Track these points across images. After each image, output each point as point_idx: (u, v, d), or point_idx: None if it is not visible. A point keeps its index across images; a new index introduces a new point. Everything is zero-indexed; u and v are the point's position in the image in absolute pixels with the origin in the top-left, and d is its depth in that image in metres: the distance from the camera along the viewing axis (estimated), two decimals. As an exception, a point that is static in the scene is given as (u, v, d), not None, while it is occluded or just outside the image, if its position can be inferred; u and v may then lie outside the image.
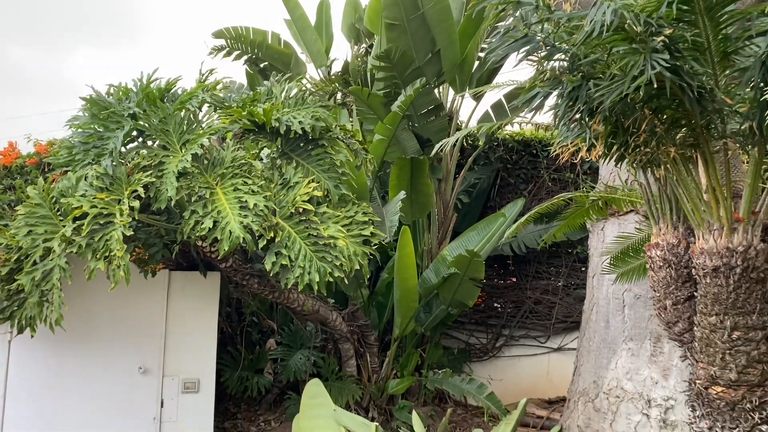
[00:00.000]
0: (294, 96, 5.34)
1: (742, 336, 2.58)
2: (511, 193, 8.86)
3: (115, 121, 4.79)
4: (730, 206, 2.57)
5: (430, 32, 7.45)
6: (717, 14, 2.24)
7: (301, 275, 4.56)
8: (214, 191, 4.58)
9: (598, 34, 2.15)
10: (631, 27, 2.10)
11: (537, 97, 2.60)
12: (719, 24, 2.28)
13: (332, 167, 5.15)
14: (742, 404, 2.58)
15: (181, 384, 5.69)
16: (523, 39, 2.61)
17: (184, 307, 5.78)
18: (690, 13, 2.25)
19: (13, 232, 4.68)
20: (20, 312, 4.80)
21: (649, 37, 2.12)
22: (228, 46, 9.04)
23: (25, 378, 5.32)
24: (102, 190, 4.46)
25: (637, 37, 2.13)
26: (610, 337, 5.75)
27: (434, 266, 7.07)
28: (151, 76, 5.00)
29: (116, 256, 4.10)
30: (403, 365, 7.26)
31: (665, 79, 2.12)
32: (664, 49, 2.10)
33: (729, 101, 2.32)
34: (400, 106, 6.66)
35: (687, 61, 2.21)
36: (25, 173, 5.47)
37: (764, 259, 2.62)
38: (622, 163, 2.76)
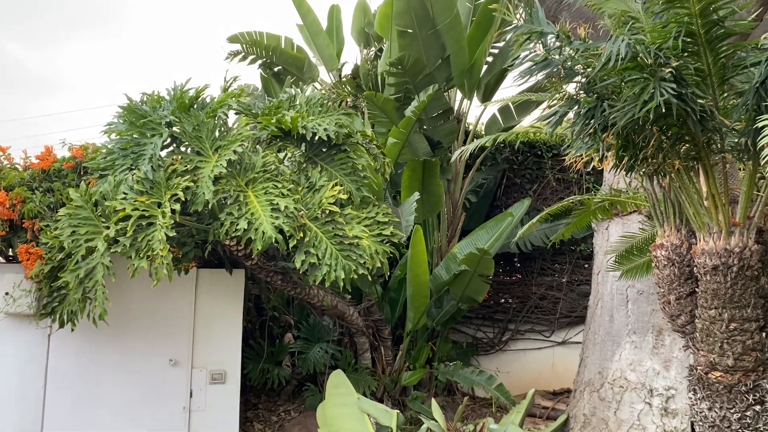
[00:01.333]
0: (317, 103, 5.65)
1: (738, 327, 2.91)
2: (517, 193, 9.19)
3: (151, 128, 5.10)
4: (728, 212, 2.89)
5: (441, 39, 7.76)
6: (717, 46, 2.57)
7: (328, 272, 4.89)
8: (246, 194, 4.90)
9: (613, 63, 2.47)
10: (643, 59, 2.42)
11: (556, 115, 2.93)
12: (719, 54, 2.60)
13: (354, 171, 5.47)
14: (738, 387, 2.91)
15: (209, 375, 6.01)
16: (543, 62, 2.93)
17: (211, 302, 6.10)
18: (693, 45, 2.57)
19: (57, 232, 4.99)
20: (61, 307, 5.13)
21: (658, 68, 2.44)
22: (243, 50, 9.34)
23: (64, 369, 5.64)
24: (142, 193, 4.77)
25: (647, 68, 2.46)
26: (614, 330, 6.09)
27: (445, 263, 7.40)
28: (184, 86, 5.30)
29: (159, 255, 4.42)
30: (415, 358, 7.59)
31: (672, 104, 2.44)
32: (671, 78, 2.43)
33: (727, 122, 2.65)
34: (414, 111, 6.98)
35: (690, 88, 2.53)
36: (62, 176, 5.76)
37: (758, 259, 2.95)
38: (632, 173, 3.08)
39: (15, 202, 5.40)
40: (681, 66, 2.49)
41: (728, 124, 2.65)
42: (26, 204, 5.41)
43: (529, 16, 2.88)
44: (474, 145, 4.10)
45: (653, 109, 2.44)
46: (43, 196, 5.52)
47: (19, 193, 5.43)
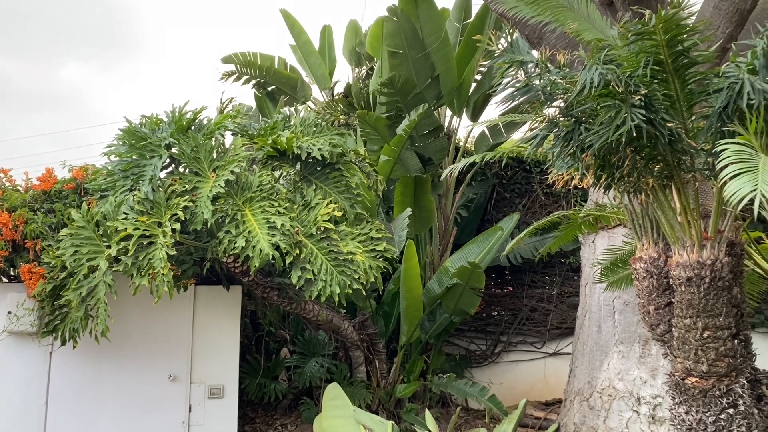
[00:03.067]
0: (311, 123, 5.84)
1: (712, 335, 3.09)
2: (507, 207, 9.39)
3: (150, 150, 5.26)
4: (700, 227, 3.08)
5: (430, 59, 8.00)
6: (683, 74, 2.77)
7: (324, 288, 5.05)
8: (243, 213, 5.07)
9: (588, 91, 2.66)
10: (614, 87, 2.62)
11: (537, 137, 3.12)
12: (685, 81, 2.80)
13: (347, 189, 5.66)
14: (712, 392, 3.08)
15: (207, 390, 6.14)
16: (524, 88, 3.13)
17: (209, 318, 6.24)
18: (662, 72, 2.77)
19: (59, 252, 5.13)
20: (63, 325, 5.26)
21: (629, 94, 2.64)
22: (237, 71, 9.55)
23: (66, 385, 5.75)
24: (143, 213, 4.93)
25: (619, 95, 2.65)
26: (602, 340, 6.26)
27: (437, 277, 7.57)
28: (182, 109, 5.48)
29: (160, 273, 4.57)
30: (410, 371, 7.74)
31: (642, 128, 2.63)
32: (641, 104, 2.62)
33: (694, 144, 2.85)
34: (405, 129, 7.19)
35: (660, 113, 2.73)
36: (63, 197, 5.91)
37: (729, 270, 3.13)
38: (610, 190, 3.28)
39: (17, 223, 5.54)
40: (650, 93, 2.69)
41: (696, 146, 2.85)
42: (28, 225, 5.55)
43: (509, 46, 3.08)
44: (462, 164, 4.30)
45: (625, 133, 2.64)
46: (44, 216, 5.66)
47: (21, 214, 5.57)
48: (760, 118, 2.47)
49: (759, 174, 2.09)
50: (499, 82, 3.17)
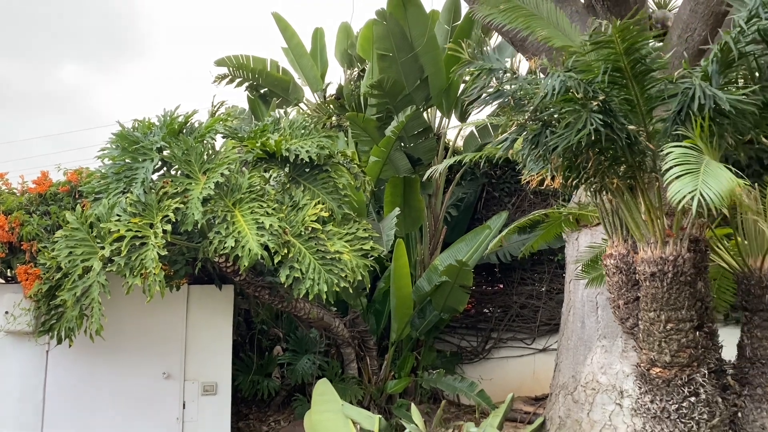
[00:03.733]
0: (300, 126, 5.99)
1: (674, 327, 3.24)
2: (496, 206, 9.54)
3: (142, 153, 5.42)
4: (663, 225, 3.23)
5: (419, 61, 8.15)
6: (642, 80, 2.92)
7: (311, 286, 5.20)
8: (233, 214, 5.22)
9: (550, 97, 2.81)
10: (573, 93, 2.77)
11: (508, 140, 3.27)
12: (644, 87, 2.95)
13: (335, 190, 5.81)
14: (674, 381, 3.23)
15: (201, 387, 6.29)
16: (496, 93, 3.28)
17: (202, 317, 6.39)
18: (622, 78, 2.92)
19: (55, 253, 5.28)
20: (59, 324, 5.41)
21: (588, 101, 2.79)
22: (230, 73, 9.69)
23: (62, 383, 5.90)
24: (135, 215, 5.08)
25: (579, 101, 2.80)
26: (585, 335, 6.41)
27: (427, 275, 7.72)
28: (173, 113, 5.63)
29: (152, 273, 4.72)
30: (400, 367, 7.89)
31: (600, 131, 2.78)
32: (599, 109, 2.77)
33: (652, 146, 3.00)
34: (393, 131, 7.34)
35: (618, 117, 2.88)
36: (58, 200, 6.05)
37: (691, 266, 3.28)
38: (578, 190, 3.43)
39: (14, 225, 5.69)
40: (608, 98, 2.84)
41: (653, 148, 3.01)
42: (24, 227, 5.69)
43: (480, 54, 3.24)
44: (443, 166, 4.45)
45: (585, 136, 2.79)
46: (40, 219, 5.80)
47: (17, 217, 5.71)
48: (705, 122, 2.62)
49: (700, 175, 2.24)
50: (473, 87, 3.32)
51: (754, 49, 2.90)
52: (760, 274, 3.57)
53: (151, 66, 44.47)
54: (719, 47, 2.78)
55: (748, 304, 3.64)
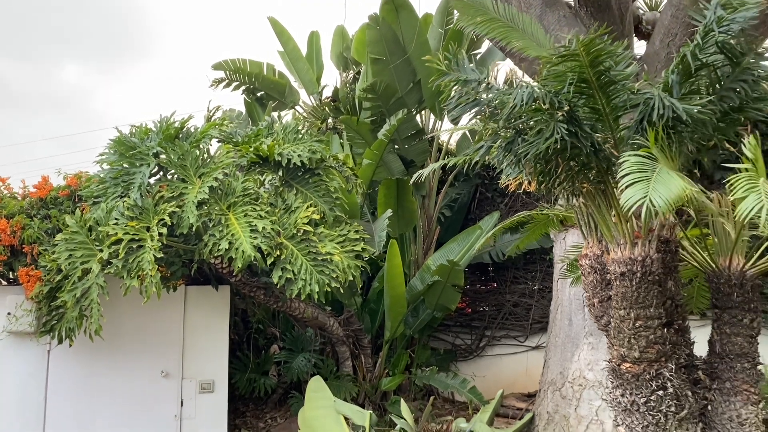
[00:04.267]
0: (293, 131, 6.15)
1: (643, 324, 3.40)
2: (489, 206, 9.69)
3: (139, 158, 5.58)
4: (631, 227, 3.39)
5: (411, 64, 8.30)
6: (606, 90, 3.07)
7: (303, 286, 5.37)
8: (227, 217, 5.39)
9: (519, 107, 2.97)
10: (540, 104, 2.93)
11: (483, 147, 3.44)
12: (609, 97, 3.11)
13: (327, 193, 5.97)
14: (643, 376, 3.39)
15: (198, 385, 6.46)
16: (473, 102, 3.44)
17: (199, 317, 6.56)
18: (588, 89, 3.08)
19: (55, 256, 5.46)
20: (60, 325, 5.58)
21: (555, 111, 2.95)
22: (227, 77, 9.86)
23: (63, 382, 6.08)
24: (132, 219, 5.25)
25: (546, 111, 2.96)
26: (573, 333, 6.58)
27: (420, 275, 7.89)
28: (169, 119, 5.80)
29: (149, 274, 4.89)
30: (395, 365, 8.06)
31: (566, 140, 2.94)
32: (565, 119, 2.93)
33: (616, 153, 3.16)
34: (385, 134, 7.50)
35: (583, 126, 3.04)
36: (58, 204, 6.23)
37: (660, 266, 3.44)
38: (550, 194, 3.59)
39: (15, 228, 5.86)
40: (575, 108, 3.00)
41: (617, 155, 3.17)
42: (26, 230, 5.87)
43: (456, 65, 3.40)
44: (429, 170, 4.63)
45: (553, 144, 2.95)
46: (41, 222, 5.98)
47: (19, 221, 5.89)
48: (663, 131, 2.77)
49: (651, 183, 2.40)
50: (451, 97, 3.49)
51: (715, 60, 3.05)
52: (729, 273, 3.72)
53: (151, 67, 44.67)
54: (679, 59, 2.94)
55: (718, 302, 3.80)
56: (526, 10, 6.54)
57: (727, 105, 3.03)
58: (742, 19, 2.82)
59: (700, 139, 3.14)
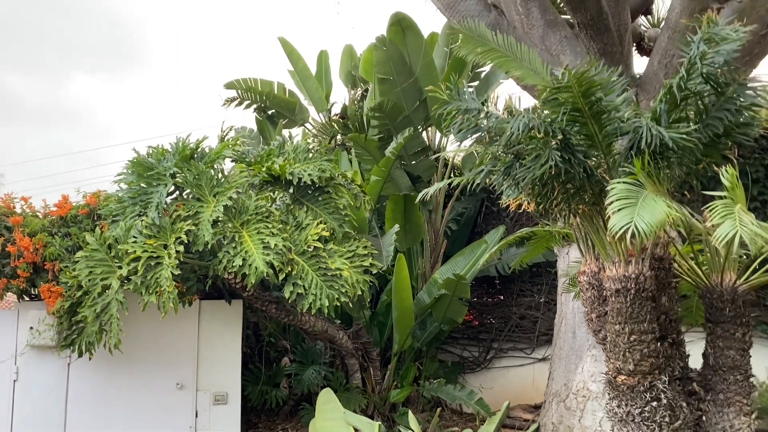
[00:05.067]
0: (303, 150, 6.39)
1: (637, 338, 3.58)
2: (495, 220, 9.87)
3: (157, 178, 5.82)
4: (625, 245, 3.57)
5: (418, 83, 8.53)
6: (599, 119, 3.27)
7: (314, 301, 5.58)
8: (241, 234, 5.61)
9: (516, 136, 3.18)
10: (535, 133, 3.13)
11: (483, 171, 3.64)
12: (602, 124, 3.31)
13: (336, 210, 6.19)
14: (638, 387, 3.56)
15: (212, 397, 6.66)
16: (474, 128, 3.65)
17: (213, 330, 6.77)
18: (582, 117, 3.28)
19: (76, 272, 5.69)
20: (80, 339, 5.81)
21: (550, 138, 3.15)
22: (239, 96, 10.13)
23: (82, 394, 6.30)
24: (150, 237, 5.48)
25: (541, 139, 3.16)
26: (577, 345, 6.73)
27: (427, 288, 8.08)
28: (185, 140, 6.04)
29: (166, 290, 5.12)
30: (403, 377, 8.23)
31: (560, 166, 3.14)
32: (558, 147, 3.13)
33: (608, 178, 3.35)
34: (392, 151, 7.72)
35: (575, 154, 3.24)
36: (78, 222, 6.47)
37: (653, 282, 3.62)
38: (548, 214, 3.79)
39: (38, 246, 6.11)
40: (568, 136, 3.20)
41: (609, 180, 3.36)
42: (47, 248, 6.11)
43: (457, 95, 3.61)
44: (433, 189, 4.82)
45: (548, 170, 3.15)
46: (61, 240, 6.22)
47: (41, 239, 6.13)
48: (652, 158, 2.97)
49: (636, 209, 2.58)
50: (453, 123, 3.71)
51: (701, 89, 3.25)
52: (721, 289, 3.89)
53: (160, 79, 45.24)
54: (666, 89, 3.13)
55: (711, 317, 3.97)
56: (529, 31, 6.77)
57: (712, 132, 3.22)
58: (725, 52, 3.02)
59: (689, 162, 3.32)
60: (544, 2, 6.74)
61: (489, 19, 6.63)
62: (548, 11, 6.71)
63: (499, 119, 3.44)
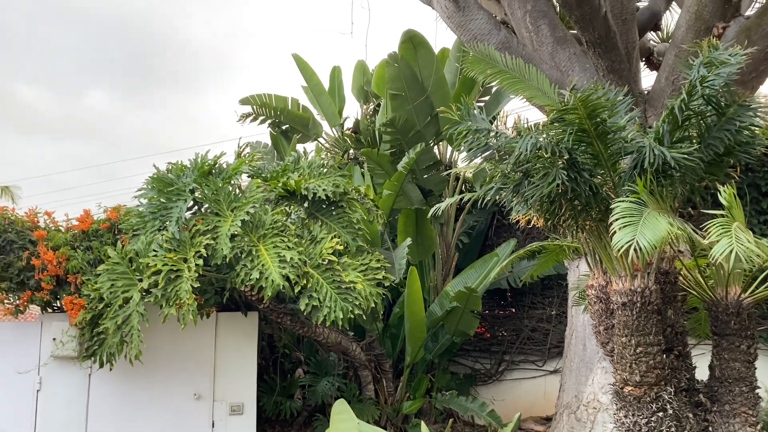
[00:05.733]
0: (317, 166, 6.56)
1: (643, 350, 3.68)
2: (507, 233, 9.96)
3: (176, 194, 6.01)
4: (631, 260, 3.69)
5: (429, 99, 8.70)
6: (604, 139, 3.41)
7: (328, 313, 5.72)
8: (258, 248, 5.77)
9: (524, 156, 3.32)
10: (543, 153, 3.27)
11: (493, 188, 3.78)
12: (607, 144, 3.44)
13: (350, 224, 6.35)
14: (644, 398, 3.66)
15: (229, 407, 6.81)
16: (484, 146, 3.80)
17: (230, 342, 6.93)
18: (587, 137, 3.42)
19: (98, 285, 5.88)
20: (101, 350, 5.99)
21: (556, 158, 3.29)
22: (254, 112, 10.35)
23: (103, 403, 6.47)
24: (170, 251, 5.66)
25: (548, 159, 3.30)
26: (587, 358, 6.82)
27: (439, 301, 8.19)
28: (204, 157, 6.23)
29: (186, 303, 5.28)
30: (415, 388, 8.32)
31: (567, 185, 3.27)
32: (565, 166, 3.26)
33: (613, 195, 3.48)
34: (404, 166, 7.88)
35: (581, 173, 3.38)
36: (99, 236, 6.67)
37: (658, 296, 3.73)
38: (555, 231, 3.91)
39: (61, 260, 6.31)
40: (574, 155, 3.34)
41: (614, 197, 3.48)
42: (70, 261, 6.31)
43: (467, 115, 3.76)
44: (445, 204, 4.96)
45: (555, 188, 3.28)
46: (83, 253, 6.41)
47: (64, 252, 6.33)
48: (654, 176, 3.09)
49: (638, 227, 2.71)
50: (465, 141, 3.86)
51: (703, 110, 3.38)
52: (726, 303, 3.99)
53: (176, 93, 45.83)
54: (668, 110, 3.26)
55: (716, 329, 4.07)
56: (539, 48, 6.92)
57: (713, 152, 3.34)
58: (724, 74, 3.14)
59: (693, 180, 3.45)
60: (553, 20, 6.89)
61: (499, 37, 6.79)
62: (557, 28, 6.86)
63: (507, 139, 3.58)
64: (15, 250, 6.42)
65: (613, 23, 6.10)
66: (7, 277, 6.31)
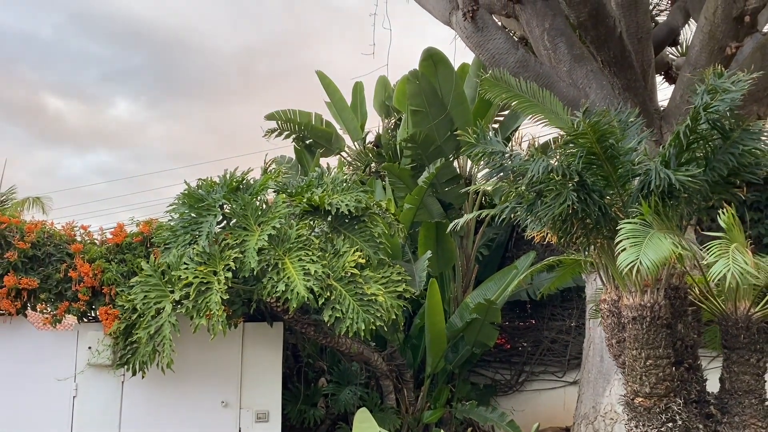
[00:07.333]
0: (340, 182, 6.80)
1: (653, 363, 3.83)
2: (526, 245, 10.06)
3: (206, 209, 6.29)
4: (641, 276, 3.85)
5: (449, 114, 8.92)
6: (613, 162, 3.59)
7: (351, 325, 5.94)
8: (283, 261, 6.02)
9: (537, 178, 3.51)
10: (554, 175, 3.46)
11: (508, 208, 3.98)
12: (615, 166, 3.62)
13: (372, 238, 6.57)
14: (654, 409, 3.81)
15: (255, 415, 7.04)
16: (499, 167, 4.01)
17: (256, 351, 7.17)
18: (597, 160, 3.60)
19: (131, 296, 6.17)
20: (134, 358, 6.27)
21: (567, 180, 3.47)
22: (279, 127, 10.66)
23: (135, 410, 6.75)
24: (201, 264, 5.93)
25: (559, 181, 3.49)
26: (604, 369, 6.93)
27: (459, 312, 8.37)
28: (233, 173, 6.51)
29: (216, 314, 5.54)
30: (436, 398, 8.49)
31: (578, 206, 3.46)
32: (575, 188, 3.45)
33: (621, 215, 3.65)
34: (425, 181, 8.09)
35: (591, 194, 3.56)
36: (132, 249, 6.98)
37: (668, 311, 3.88)
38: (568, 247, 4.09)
39: (96, 272, 6.62)
40: (584, 177, 3.52)
41: (622, 217, 3.65)
42: (105, 273, 6.62)
43: (482, 138, 3.97)
44: (463, 220, 5.16)
45: (566, 209, 3.46)
46: (118, 266, 6.72)
47: (99, 265, 6.64)
48: (660, 198, 3.26)
49: (642, 247, 2.88)
50: (480, 162, 4.07)
51: (709, 134, 3.55)
52: (736, 317, 4.13)
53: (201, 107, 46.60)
54: (675, 135, 3.43)
55: (727, 343, 4.20)
56: (557, 66, 7.10)
57: (718, 174, 3.50)
58: (728, 100, 3.31)
59: (698, 200, 3.61)
60: (570, 37, 7.06)
61: (516, 56, 6.98)
62: (575, 46, 7.04)
63: (521, 161, 3.78)
64: (53, 263, 6.75)
65: (628, 43, 6.26)
66: (47, 288, 6.64)
